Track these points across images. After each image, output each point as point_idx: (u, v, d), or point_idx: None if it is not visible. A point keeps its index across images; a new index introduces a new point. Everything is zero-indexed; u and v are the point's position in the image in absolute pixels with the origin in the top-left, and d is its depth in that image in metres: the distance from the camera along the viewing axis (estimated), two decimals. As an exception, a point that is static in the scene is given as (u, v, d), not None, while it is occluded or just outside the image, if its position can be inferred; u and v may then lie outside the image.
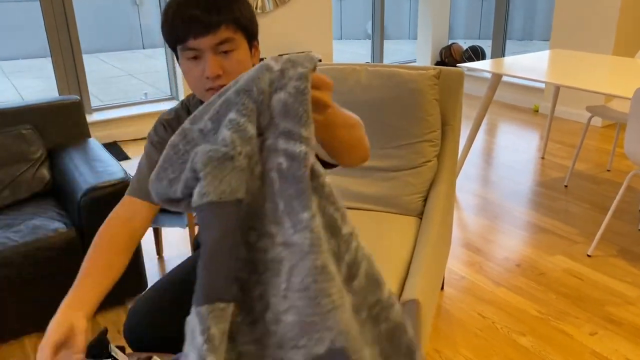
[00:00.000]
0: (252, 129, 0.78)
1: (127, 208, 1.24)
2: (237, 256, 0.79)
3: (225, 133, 0.77)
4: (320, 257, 0.74)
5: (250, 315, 0.78)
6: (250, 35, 1.17)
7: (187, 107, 1.31)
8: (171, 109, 1.30)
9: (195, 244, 1.72)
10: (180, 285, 1.48)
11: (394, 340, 0.84)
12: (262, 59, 1.16)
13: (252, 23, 1.17)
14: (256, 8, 4.77)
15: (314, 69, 0.81)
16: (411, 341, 0.86)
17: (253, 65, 1.06)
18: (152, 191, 0.85)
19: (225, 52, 1.13)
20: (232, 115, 0.78)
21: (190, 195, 0.79)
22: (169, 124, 1.28)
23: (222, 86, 1.11)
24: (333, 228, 0.80)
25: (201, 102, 1.29)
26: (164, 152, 0.84)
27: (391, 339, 0.84)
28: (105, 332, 1.23)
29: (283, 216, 0.77)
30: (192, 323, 0.74)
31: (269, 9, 4.86)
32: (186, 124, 0.83)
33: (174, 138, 0.83)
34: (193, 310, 0.74)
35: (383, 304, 0.84)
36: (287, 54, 0.88)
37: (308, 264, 0.73)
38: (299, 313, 0.73)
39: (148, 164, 1.25)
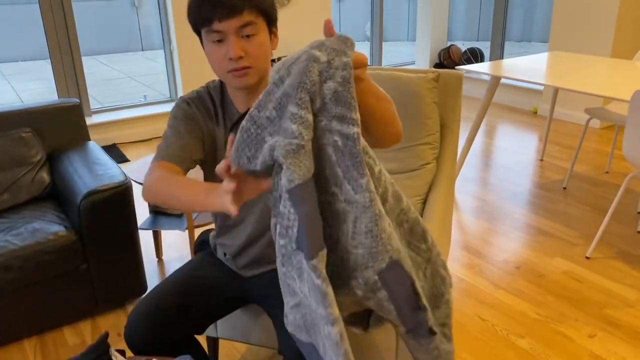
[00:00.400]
0: (310, 117, 0.96)
1: (165, 168, 1.29)
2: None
3: (292, 127, 0.95)
4: (377, 207, 1.00)
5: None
6: (270, 21, 1.28)
7: (208, 90, 1.42)
8: (192, 91, 1.42)
9: (196, 248, 1.72)
10: (181, 289, 1.48)
11: (413, 232, 1.14)
12: (273, 61, 1.24)
13: (272, 10, 1.28)
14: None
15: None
16: (424, 229, 1.14)
17: (272, 49, 1.32)
18: (234, 164, 1.00)
19: (248, 36, 1.24)
20: (293, 109, 0.95)
21: (268, 167, 0.98)
22: (192, 100, 1.39)
23: (244, 67, 1.25)
24: (371, 170, 1.04)
25: (221, 87, 1.41)
26: (238, 135, 1.00)
27: (411, 233, 1.13)
28: (105, 336, 1.23)
29: (343, 181, 1.00)
30: (306, 274, 0.97)
31: (268, 11, 4.86)
32: (253, 111, 0.99)
33: (244, 124, 1.00)
34: (305, 265, 0.96)
35: (404, 210, 1.12)
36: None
37: (370, 214, 0.99)
38: (366, 247, 1.01)
39: (175, 134, 1.35)
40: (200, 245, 1.70)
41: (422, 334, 1.12)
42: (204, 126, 1.39)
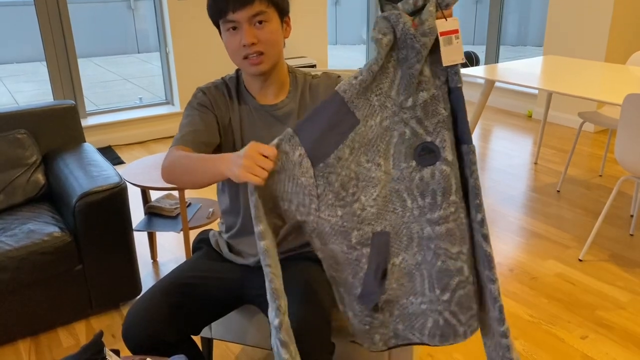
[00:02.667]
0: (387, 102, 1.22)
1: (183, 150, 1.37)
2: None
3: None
4: (392, 186, 1.25)
5: (342, 201, 1.23)
6: (281, 11, 1.40)
7: (224, 81, 1.51)
8: (207, 83, 1.52)
9: (194, 248, 1.73)
10: (178, 289, 1.49)
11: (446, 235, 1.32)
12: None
13: (283, 1, 1.40)
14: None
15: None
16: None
17: (285, 38, 1.45)
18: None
19: (260, 23, 1.35)
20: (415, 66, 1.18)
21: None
22: (208, 90, 1.49)
23: (257, 53, 1.37)
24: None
25: (236, 77, 1.52)
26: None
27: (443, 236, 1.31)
28: (100, 335, 1.24)
29: (390, 158, 1.22)
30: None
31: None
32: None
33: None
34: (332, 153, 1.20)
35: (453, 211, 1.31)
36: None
37: (387, 188, 1.25)
38: (377, 208, 1.24)
39: (189, 122, 1.43)
40: (197, 245, 1.71)
41: (367, 302, 1.30)
42: (219, 113, 1.48)
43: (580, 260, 2.71)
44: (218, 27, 1.42)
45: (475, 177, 1.23)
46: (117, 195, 2.23)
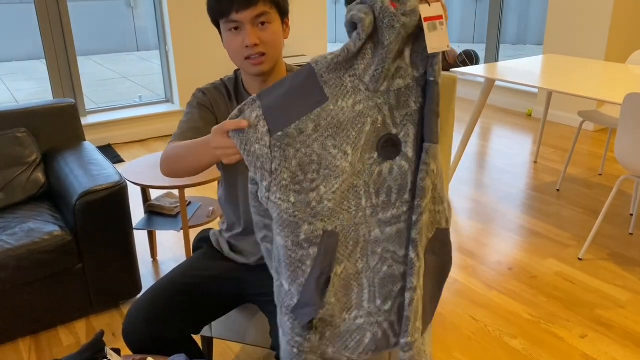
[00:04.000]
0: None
1: None
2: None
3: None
4: (352, 180, 1.13)
5: (297, 185, 1.10)
6: (283, 11, 1.41)
7: (223, 82, 1.52)
8: (207, 84, 1.52)
9: (194, 246, 1.73)
10: (178, 288, 1.49)
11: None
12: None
13: (284, 1, 1.41)
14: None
15: None
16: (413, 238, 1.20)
17: (285, 38, 1.44)
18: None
19: (262, 24, 1.35)
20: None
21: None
22: (207, 90, 1.50)
23: (260, 54, 1.37)
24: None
25: (235, 78, 1.52)
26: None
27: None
28: (101, 334, 1.24)
29: (360, 149, 1.11)
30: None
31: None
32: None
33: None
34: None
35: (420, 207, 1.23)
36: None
37: (342, 180, 1.12)
38: (333, 203, 1.12)
39: (188, 120, 1.45)
40: (198, 244, 1.71)
41: (302, 316, 1.13)
42: (219, 114, 1.49)
43: (579, 259, 2.71)
44: (217, 26, 1.42)
45: (422, 177, 1.14)
46: (117, 194, 2.23)
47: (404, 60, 1.11)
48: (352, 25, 1.07)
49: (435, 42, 1.09)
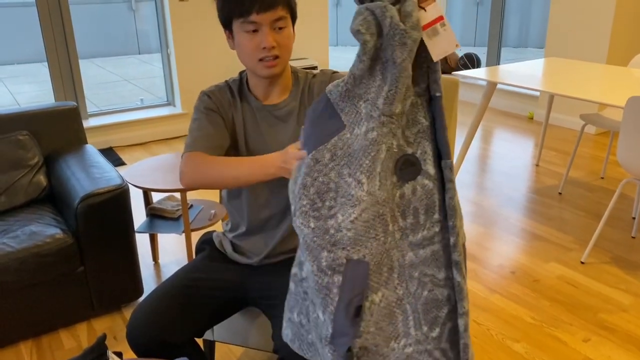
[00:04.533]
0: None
1: (198, 155, 1.38)
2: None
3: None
4: (377, 209, 1.08)
5: (316, 212, 1.10)
6: (294, 17, 1.43)
7: (227, 84, 1.52)
8: (211, 86, 1.52)
9: (197, 249, 1.73)
10: (181, 291, 1.49)
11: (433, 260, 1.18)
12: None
13: (296, 7, 1.43)
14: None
15: None
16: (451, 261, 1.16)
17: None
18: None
19: (280, 29, 1.37)
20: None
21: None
22: (212, 93, 1.49)
23: (275, 57, 1.39)
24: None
25: (240, 80, 1.52)
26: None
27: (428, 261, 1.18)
28: (103, 338, 1.24)
29: (376, 177, 1.06)
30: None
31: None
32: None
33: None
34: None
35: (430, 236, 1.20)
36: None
37: (364, 209, 1.08)
38: (354, 232, 1.08)
39: (199, 127, 1.44)
40: (201, 246, 1.71)
41: (339, 345, 1.09)
42: (225, 116, 1.49)
43: (582, 263, 2.71)
44: (227, 26, 1.41)
45: (451, 195, 1.09)
46: (119, 197, 2.23)
47: (409, 78, 1.06)
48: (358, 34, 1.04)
49: (439, 47, 1.04)
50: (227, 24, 1.41)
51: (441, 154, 1.10)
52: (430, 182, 1.10)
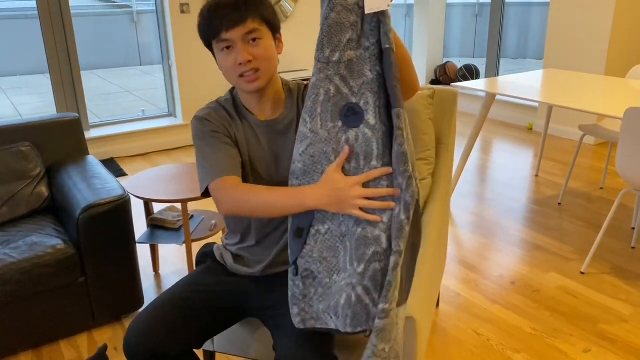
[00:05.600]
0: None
1: (231, 181, 1.38)
2: None
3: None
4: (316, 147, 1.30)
5: None
6: (273, 27, 1.42)
7: (219, 104, 1.51)
8: (203, 109, 1.49)
9: (197, 261, 1.73)
10: (180, 302, 1.49)
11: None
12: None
13: (275, 18, 1.42)
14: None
15: None
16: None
17: (278, 54, 1.46)
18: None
19: (254, 40, 1.37)
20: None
21: None
22: (208, 116, 1.47)
23: (254, 70, 1.39)
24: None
25: (232, 98, 1.52)
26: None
27: None
28: (104, 348, 1.24)
29: (317, 117, 1.26)
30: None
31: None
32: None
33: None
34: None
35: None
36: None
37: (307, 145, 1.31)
38: (307, 166, 1.31)
39: (214, 151, 1.42)
40: (201, 258, 1.72)
41: (291, 260, 1.31)
42: (229, 134, 1.48)
43: (582, 273, 2.71)
44: (210, 48, 1.43)
45: (400, 142, 1.19)
46: (120, 208, 2.24)
47: (356, 32, 1.18)
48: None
49: (372, 2, 1.14)
50: (209, 46, 1.43)
51: (391, 103, 1.20)
52: (370, 131, 1.22)
